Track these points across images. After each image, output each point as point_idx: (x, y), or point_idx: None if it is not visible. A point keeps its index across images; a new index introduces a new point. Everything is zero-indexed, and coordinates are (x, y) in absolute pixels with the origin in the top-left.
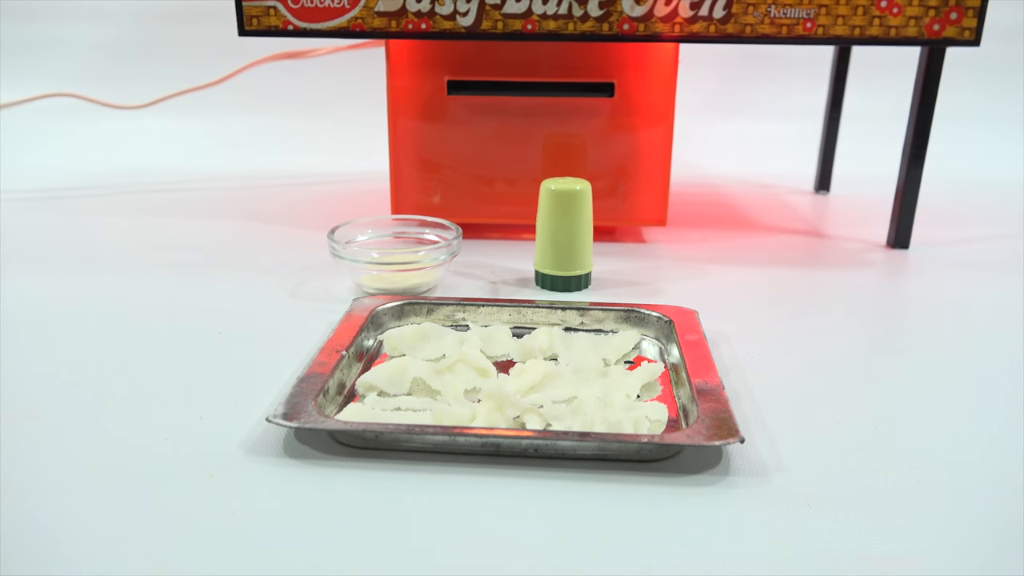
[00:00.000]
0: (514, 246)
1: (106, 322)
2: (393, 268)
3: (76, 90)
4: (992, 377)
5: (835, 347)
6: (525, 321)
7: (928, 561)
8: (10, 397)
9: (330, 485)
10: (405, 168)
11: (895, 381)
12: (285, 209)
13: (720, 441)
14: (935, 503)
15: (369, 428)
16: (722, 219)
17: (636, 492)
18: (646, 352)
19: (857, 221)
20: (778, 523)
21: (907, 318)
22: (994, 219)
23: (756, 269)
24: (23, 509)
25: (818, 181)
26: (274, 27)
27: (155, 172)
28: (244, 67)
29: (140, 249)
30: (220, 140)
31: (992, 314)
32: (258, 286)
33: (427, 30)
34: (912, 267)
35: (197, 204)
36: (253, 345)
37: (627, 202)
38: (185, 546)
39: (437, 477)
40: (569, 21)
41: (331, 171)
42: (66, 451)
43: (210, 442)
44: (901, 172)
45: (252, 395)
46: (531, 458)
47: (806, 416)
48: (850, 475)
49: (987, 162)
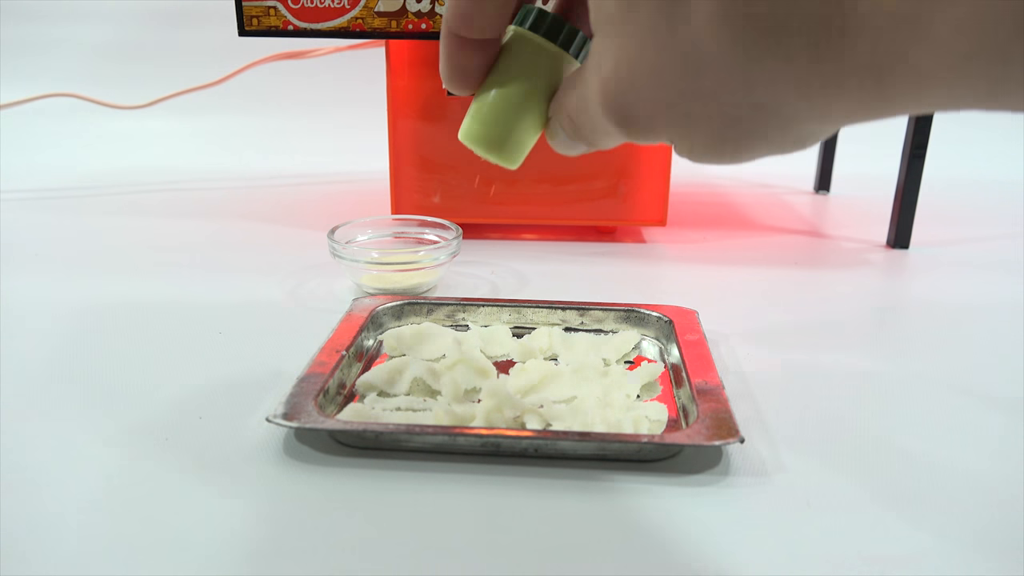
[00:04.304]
0: (514, 246)
1: (105, 322)
2: (393, 268)
3: (76, 90)
4: (992, 377)
5: (835, 347)
6: (525, 321)
7: (928, 561)
8: (9, 397)
9: (330, 485)
10: (405, 168)
11: (895, 381)
12: (285, 209)
13: (720, 441)
14: (935, 503)
15: (369, 428)
16: (722, 219)
17: (636, 492)
18: (646, 352)
19: (857, 221)
20: (778, 523)
21: (907, 318)
22: (994, 219)
23: (756, 269)
24: (22, 509)
25: (818, 181)
26: (274, 27)
27: (155, 172)
28: (244, 67)
29: (140, 249)
30: (220, 140)
31: (992, 314)
32: (258, 286)
33: (427, 30)
34: (912, 267)
35: (197, 204)
36: (253, 345)
37: (627, 202)
38: (185, 546)
39: (437, 477)
40: None
41: (331, 171)
42: (65, 451)
43: (210, 442)
44: (901, 172)
45: (252, 395)
46: (531, 458)
47: (806, 416)
48: (850, 475)
49: (987, 162)
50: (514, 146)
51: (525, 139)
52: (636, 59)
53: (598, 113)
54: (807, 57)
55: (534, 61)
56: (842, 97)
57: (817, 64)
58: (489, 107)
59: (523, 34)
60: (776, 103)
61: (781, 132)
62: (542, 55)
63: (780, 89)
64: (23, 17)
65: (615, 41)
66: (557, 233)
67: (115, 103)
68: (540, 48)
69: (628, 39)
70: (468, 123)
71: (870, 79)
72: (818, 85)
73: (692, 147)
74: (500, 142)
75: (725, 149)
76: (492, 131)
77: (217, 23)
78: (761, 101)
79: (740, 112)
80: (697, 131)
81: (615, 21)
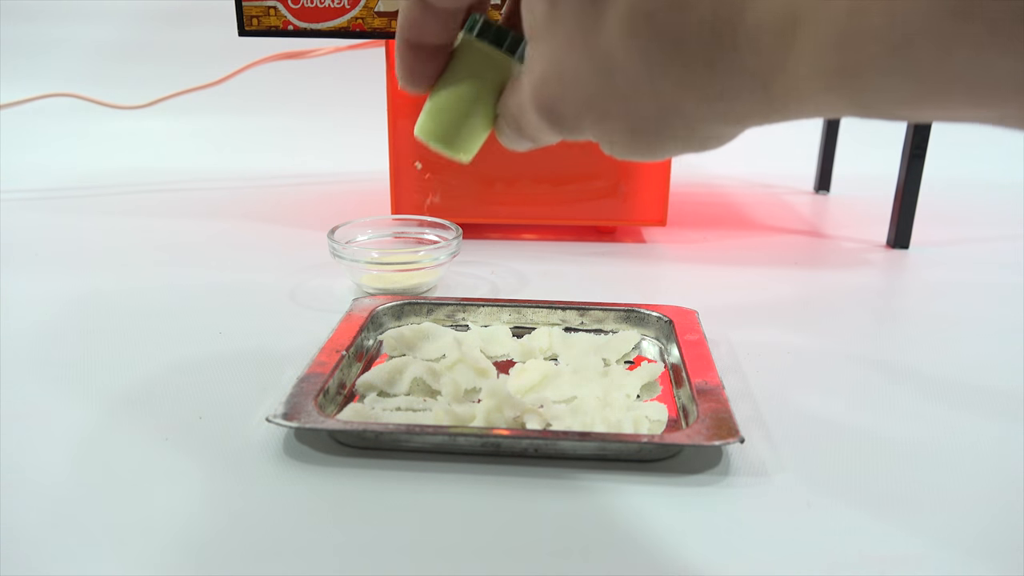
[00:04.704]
0: (514, 246)
1: (105, 322)
2: (393, 268)
3: (76, 90)
4: (992, 377)
5: (835, 347)
6: (525, 321)
7: (928, 561)
8: (9, 397)
9: (330, 485)
10: (405, 168)
11: (895, 381)
12: (285, 209)
13: (720, 441)
14: (935, 503)
15: (369, 428)
16: (722, 219)
17: (636, 492)
18: (646, 352)
19: (857, 221)
20: (778, 523)
21: (907, 318)
22: (994, 219)
23: (756, 269)
24: (22, 509)
25: (818, 181)
26: (274, 27)
27: (155, 172)
28: (244, 67)
29: (140, 249)
30: (220, 140)
31: (992, 314)
32: (258, 286)
33: None
34: (912, 267)
35: (197, 204)
36: (253, 345)
37: (627, 202)
38: (185, 546)
39: (437, 477)
40: None
41: (331, 171)
42: (65, 451)
43: (210, 442)
44: (901, 172)
45: (252, 395)
46: (531, 458)
47: (806, 416)
48: (850, 475)
49: (987, 162)
50: (464, 141)
51: (475, 135)
52: (560, 63)
53: (532, 112)
54: (703, 64)
55: (481, 65)
56: (737, 101)
57: (712, 71)
58: (440, 106)
59: (471, 41)
60: (681, 105)
61: (688, 132)
62: (489, 60)
63: (682, 93)
64: (23, 17)
65: (543, 46)
66: (557, 233)
67: (115, 103)
68: (487, 54)
69: (553, 45)
70: (422, 120)
71: (758, 86)
72: (715, 90)
73: (612, 144)
74: (451, 138)
75: (640, 146)
76: (444, 128)
77: (217, 23)
78: (667, 103)
79: (650, 113)
80: (615, 129)
81: (542, 28)
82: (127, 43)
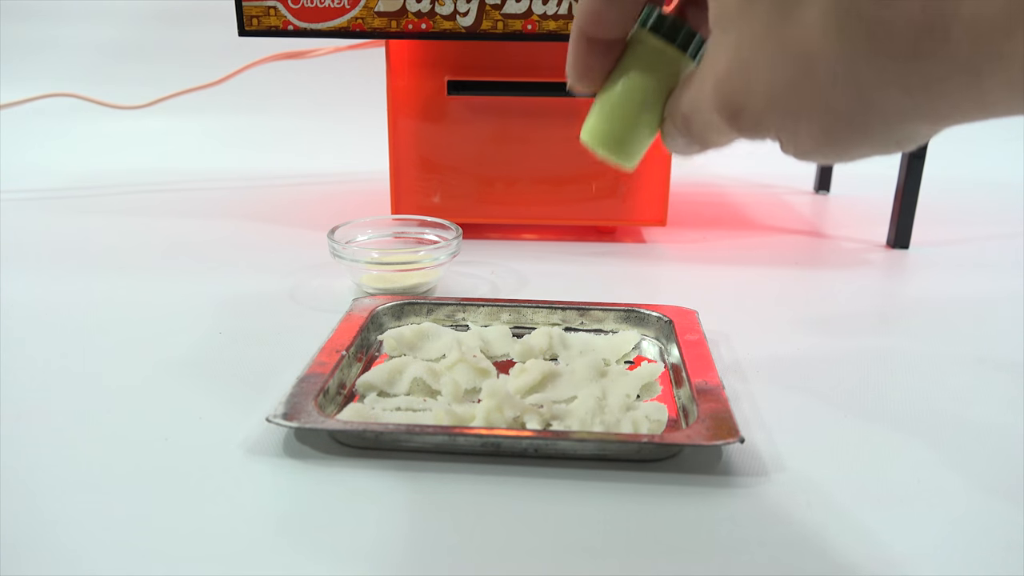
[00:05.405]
0: (514, 246)
1: (105, 322)
2: (393, 268)
3: (76, 90)
4: (992, 377)
5: (835, 347)
6: (525, 321)
7: (929, 561)
8: (9, 397)
9: (330, 485)
10: (405, 168)
11: (895, 381)
12: (285, 209)
13: (720, 441)
14: (935, 503)
15: (369, 428)
16: (722, 219)
17: (636, 492)
18: (646, 352)
19: (857, 221)
20: (778, 523)
21: (907, 318)
22: (994, 219)
23: (756, 269)
24: (22, 509)
25: (818, 181)
26: (274, 27)
27: (155, 172)
28: (244, 67)
29: (140, 249)
30: (220, 140)
31: (992, 314)
32: (258, 286)
33: (427, 30)
34: (912, 267)
35: (197, 204)
36: (253, 345)
37: (627, 202)
38: (185, 546)
39: (437, 477)
40: (569, 21)
41: (331, 171)
42: (65, 451)
43: (210, 442)
44: (901, 172)
45: (252, 395)
46: (531, 458)
47: (806, 416)
48: (850, 475)
49: (987, 162)
50: (632, 146)
51: (643, 140)
52: (750, 55)
53: (711, 109)
54: (911, 56)
55: (654, 62)
56: (944, 95)
57: (920, 63)
58: (611, 108)
59: (644, 35)
60: (881, 101)
61: (885, 130)
62: (661, 56)
63: (885, 87)
64: (23, 17)
65: (731, 37)
66: (557, 233)
67: (115, 103)
68: (659, 49)
69: (744, 35)
70: (592, 124)
71: (970, 80)
72: (921, 84)
73: (798, 143)
74: (622, 141)
75: (830, 145)
76: (616, 130)
77: (217, 23)
78: (867, 98)
79: (847, 109)
80: (804, 127)
81: (733, 17)
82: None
